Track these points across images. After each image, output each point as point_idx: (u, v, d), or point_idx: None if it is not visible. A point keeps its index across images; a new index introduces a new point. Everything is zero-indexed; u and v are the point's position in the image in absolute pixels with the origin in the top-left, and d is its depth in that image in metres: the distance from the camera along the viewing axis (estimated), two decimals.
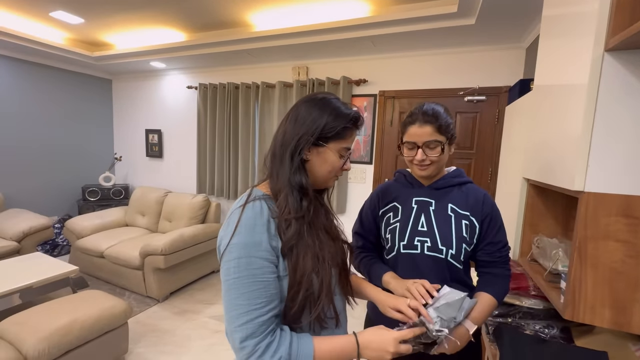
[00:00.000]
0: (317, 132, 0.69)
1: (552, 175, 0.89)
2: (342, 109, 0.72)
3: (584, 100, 0.72)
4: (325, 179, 0.75)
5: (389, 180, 1.13)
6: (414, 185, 1.02)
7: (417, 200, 0.99)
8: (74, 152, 3.96)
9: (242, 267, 0.62)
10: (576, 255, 0.76)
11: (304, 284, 0.65)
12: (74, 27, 2.96)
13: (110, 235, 3.12)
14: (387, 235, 0.99)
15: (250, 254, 0.63)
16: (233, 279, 0.63)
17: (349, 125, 0.71)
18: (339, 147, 0.72)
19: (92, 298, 1.93)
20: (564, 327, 1.04)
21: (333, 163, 0.72)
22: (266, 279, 0.63)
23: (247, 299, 0.62)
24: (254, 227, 0.64)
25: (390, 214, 1.01)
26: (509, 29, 2.10)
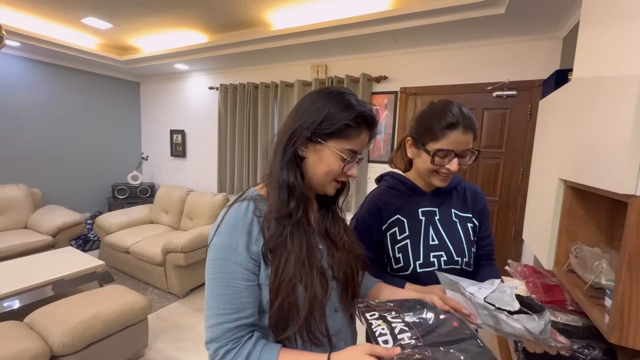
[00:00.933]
0: (314, 126, 0.62)
1: (596, 177, 0.78)
2: (348, 104, 0.62)
3: (638, 86, 0.62)
4: (321, 182, 0.67)
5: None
6: (416, 192, 0.93)
7: (423, 211, 0.92)
8: (105, 152, 4.17)
9: (216, 268, 0.60)
10: (625, 269, 0.65)
11: (282, 291, 0.59)
12: (104, 32, 3.10)
13: (136, 231, 3.25)
14: (398, 255, 0.90)
15: (225, 256, 0.60)
16: (209, 279, 0.61)
17: (352, 123, 0.62)
18: (341, 147, 0.63)
19: (116, 293, 2.00)
20: (607, 349, 0.91)
21: (331, 165, 0.64)
22: (237, 286, 0.59)
23: (217, 302, 0.60)
24: (233, 229, 0.61)
25: (395, 229, 0.91)
26: (542, 17, 1.93)
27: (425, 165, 0.86)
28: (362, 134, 0.65)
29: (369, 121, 0.64)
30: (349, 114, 0.62)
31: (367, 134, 0.66)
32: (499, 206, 2.46)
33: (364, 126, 0.64)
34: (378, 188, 1.00)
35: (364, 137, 0.65)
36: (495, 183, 2.46)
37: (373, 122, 0.66)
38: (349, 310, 0.74)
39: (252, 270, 0.61)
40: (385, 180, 1.01)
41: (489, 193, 2.48)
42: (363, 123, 0.64)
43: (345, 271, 0.71)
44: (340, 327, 0.71)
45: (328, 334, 0.65)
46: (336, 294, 0.70)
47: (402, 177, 0.97)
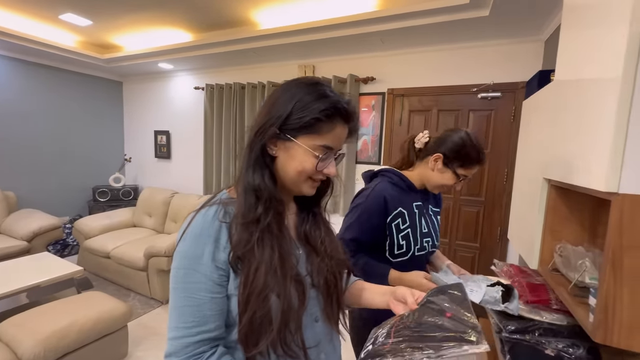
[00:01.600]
0: (280, 121, 0.57)
1: (578, 175, 0.78)
2: (319, 95, 0.57)
3: (619, 86, 0.61)
4: (294, 182, 0.61)
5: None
6: (412, 190, 1.12)
7: (416, 205, 1.10)
8: (85, 154, 4.02)
9: (179, 278, 0.56)
10: (609, 268, 0.65)
11: (252, 304, 0.54)
12: (84, 29, 2.99)
13: (118, 235, 3.13)
14: (402, 242, 1.06)
15: (188, 265, 0.56)
16: (172, 288, 0.57)
17: (322, 116, 0.56)
18: (313, 143, 0.58)
19: (94, 300, 1.91)
20: (591, 347, 0.92)
21: (303, 163, 0.58)
22: (200, 298, 0.55)
23: (178, 314, 0.56)
24: (198, 236, 0.56)
25: (399, 219, 1.06)
26: (526, 20, 1.97)
27: (442, 181, 1.06)
28: (337, 127, 0.59)
29: (342, 113, 0.59)
30: (319, 105, 0.56)
31: (343, 128, 0.60)
32: (484, 206, 2.49)
33: (338, 119, 0.58)
34: (382, 183, 1.10)
35: (339, 131, 0.60)
36: (481, 183, 2.48)
37: (348, 115, 0.60)
38: (333, 319, 0.69)
39: (218, 282, 0.56)
40: (386, 176, 1.12)
41: (474, 193, 2.51)
42: (336, 115, 0.58)
43: (327, 278, 0.66)
44: (321, 338, 0.66)
45: (304, 346, 0.60)
46: (317, 302, 0.66)
47: (403, 176, 1.11)
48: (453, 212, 2.59)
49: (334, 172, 0.63)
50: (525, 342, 0.98)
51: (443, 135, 1.07)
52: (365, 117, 2.84)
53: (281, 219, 0.61)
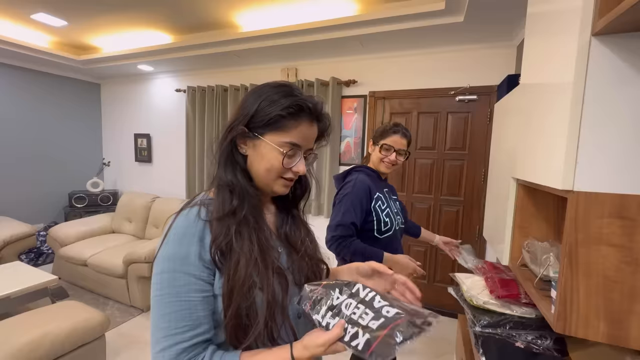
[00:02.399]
0: (246, 119, 0.59)
1: (540, 174, 0.83)
2: (283, 94, 0.59)
3: (571, 90, 0.66)
4: (265, 181, 0.63)
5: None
6: (380, 179, 1.37)
7: (385, 190, 1.36)
8: (61, 158, 3.88)
9: (164, 283, 0.54)
10: (566, 262, 0.68)
11: (235, 296, 0.55)
12: (58, 30, 2.90)
13: (95, 242, 3.03)
14: (387, 219, 1.29)
15: (174, 268, 0.54)
16: (155, 296, 0.55)
17: (284, 113, 0.58)
18: (278, 140, 0.59)
19: (68, 309, 1.84)
20: (557, 338, 0.96)
21: (271, 160, 0.60)
22: (191, 299, 0.54)
23: (168, 321, 0.53)
24: (182, 237, 0.56)
25: (380, 202, 1.30)
26: (498, 26, 2.05)
27: (377, 156, 1.34)
28: (302, 124, 0.60)
29: (307, 111, 0.60)
30: (283, 102, 0.58)
31: (309, 126, 0.61)
32: (463, 206, 2.56)
33: (303, 117, 0.60)
34: (360, 175, 1.33)
35: (304, 128, 0.61)
36: (460, 184, 2.56)
37: (314, 113, 0.61)
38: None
39: (207, 280, 0.56)
40: (362, 171, 1.36)
41: (454, 193, 2.58)
42: (301, 113, 0.59)
43: (308, 276, 0.68)
44: (303, 334, 0.67)
45: (295, 336, 0.61)
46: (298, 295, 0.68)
47: (372, 168, 1.37)
48: (434, 211, 2.65)
49: (302, 170, 0.63)
50: (496, 335, 1.02)
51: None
52: (347, 119, 2.87)
53: (257, 213, 0.62)
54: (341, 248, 1.21)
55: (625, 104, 0.63)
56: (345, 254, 1.22)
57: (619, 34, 0.61)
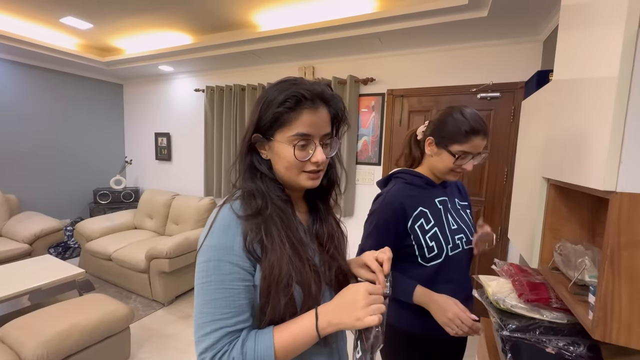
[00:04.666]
0: (254, 126, 0.62)
1: (577, 174, 0.79)
2: (280, 90, 0.59)
3: (615, 86, 0.62)
4: (288, 178, 0.64)
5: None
6: (430, 185, 1.03)
7: (439, 200, 1.02)
8: (86, 156, 4.04)
9: (210, 271, 0.57)
10: (607, 266, 0.65)
11: (272, 294, 0.57)
12: (84, 32, 3.01)
13: (119, 238, 3.14)
14: (431, 244, 0.97)
15: (219, 257, 0.57)
16: (201, 283, 0.57)
17: (283, 108, 0.58)
18: (286, 136, 0.60)
19: (95, 302, 1.92)
20: (591, 345, 0.92)
21: (286, 157, 0.60)
22: (235, 287, 0.57)
23: (213, 307, 0.56)
24: (227, 228, 0.58)
25: (421, 220, 0.98)
26: (524, 21, 1.98)
27: (444, 164, 0.98)
28: (304, 113, 0.59)
29: (303, 98, 0.58)
30: (279, 99, 0.58)
31: (313, 111, 0.59)
32: (485, 206, 2.49)
33: (302, 105, 0.59)
34: (396, 186, 1.03)
35: (308, 116, 0.59)
36: (481, 183, 2.49)
37: (311, 97, 0.59)
38: None
39: (249, 270, 0.58)
40: (399, 177, 1.05)
41: (475, 193, 2.52)
42: (298, 103, 0.58)
43: (337, 275, 0.69)
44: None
45: None
46: (328, 295, 0.67)
47: (417, 173, 1.04)
48: None
49: (321, 159, 0.61)
50: (525, 340, 0.98)
51: (435, 117, 1.03)
52: (365, 117, 2.85)
53: (283, 213, 0.63)
54: None
55: None
56: None
57: None
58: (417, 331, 1.01)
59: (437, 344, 1.05)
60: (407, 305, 0.99)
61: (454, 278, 1.00)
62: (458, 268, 1.02)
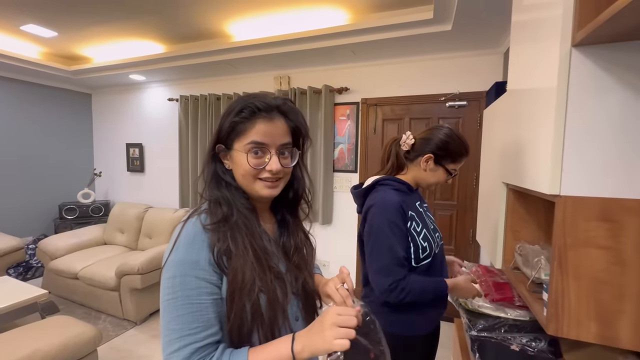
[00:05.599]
0: (216, 136, 0.65)
1: (528, 179, 0.85)
2: (238, 101, 0.63)
3: (555, 99, 0.68)
4: (246, 186, 0.65)
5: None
6: (411, 191, 1.12)
7: (418, 205, 1.11)
8: (51, 169, 3.82)
9: (176, 287, 0.56)
10: (556, 265, 0.70)
11: (236, 299, 0.58)
12: (48, 40, 2.88)
13: (87, 255, 2.98)
14: (425, 244, 1.04)
15: (185, 272, 0.56)
16: (167, 300, 0.57)
17: (238, 118, 0.62)
18: (242, 144, 0.62)
19: (59, 325, 1.80)
20: (551, 340, 0.97)
21: (242, 165, 0.63)
22: (202, 301, 0.56)
23: (181, 323, 0.55)
24: (192, 243, 0.58)
25: (413, 223, 1.05)
26: (485, 34, 2.11)
27: (435, 179, 1.09)
28: (258, 122, 0.62)
29: (256, 107, 0.61)
30: (235, 109, 0.62)
31: (268, 121, 0.62)
32: (457, 210, 2.59)
33: (257, 115, 0.62)
34: (387, 191, 1.05)
35: (263, 125, 0.62)
36: (453, 188, 2.59)
37: (265, 109, 0.62)
38: (312, 318, 0.72)
39: (216, 284, 0.58)
40: (387, 184, 1.09)
41: (447, 197, 2.61)
42: (253, 113, 0.62)
43: (304, 286, 0.70)
44: None
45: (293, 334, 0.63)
46: (296, 303, 0.69)
47: (400, 180, 1.10)
48: None
49: (275, 167, 0.63)
50: (492, 339, 1.03)
51: (429, 135, 1.08)
52: (340, 126, 2.90)
53: (247, 220, 0.64)
54: (404, 293, 0.96)
55: (606, 110, 0.65)
56: (410, 298, 0.97)
57: (598, 45, 0.64)
58: (411, 331, 1.08)
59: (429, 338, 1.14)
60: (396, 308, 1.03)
61: (440, 273, 1.10)
62: (441, 263, 1.12)
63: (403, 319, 1.06)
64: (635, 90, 0.63)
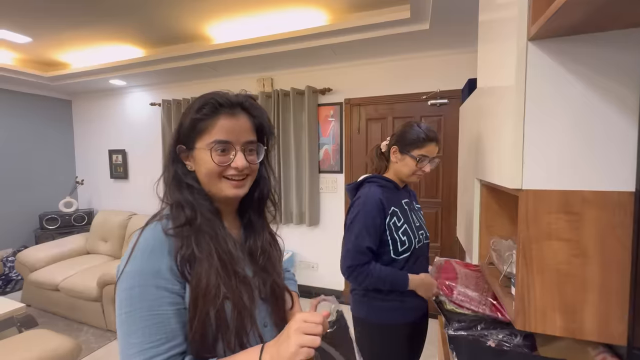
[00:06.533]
0: (176, 136, 0.62)
1: (496, 174, 0.85)
2: (197, 100, 0.61)
3: (514, 92, 0.68)
4: (211, 186, 0.63)
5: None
6: (397, 189, 1.20)
7: (404, 202, 1.20)
8: (31, 178, 3.71)
9: (134, 298, 0.53)
10: (521, 258, 0.70)
11: (200, 305, 0.55)
12: (22, 46, 2.81)
13: (68, 265, 2.90)
14: (404, 238, 1.14)
15: (145, 282, 0.53)
16: (125, 312, 0.53)
17: (199, 115, 0.59)
18: (206, 142, 0.60)
19: (36, 339, 1.74)
20: (527, 335, 0.98)
21: (206, 163, 0.61)
22: (164, 312, 0.54)
23: (141, 336, 0.52)
24: (151, 251, 0.55)
25: (394, 218, 1.14)
26: (461, 32, 2.13)
27: (407, 168, 1.16)
28: (221, 119, 0.60)
29: (218, 104, 0.60)
30: (195, 107, 0.61)
31: (231, 118, 0.61)
32: (441, 207, 2.61)
33: (219, 112, 0.60)
34: (371, 188, 1.16)
35: (226, 122, 0.60)
36: (437, 185, 2.60)
37: (227, 105, 0.60)
38: (281, 325, 0.70)
39: (179, 293, 0.55)
40: (373, 182, 1.19)
41: (431, 195, 2.63)
42: (214, 110, 0.60)
43: (272, 287, 0.68)
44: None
45: (262, 341, 0.61)
46: (265, 309, 0.67)
47: (386, 177, 1.20)
48: None
49: (241, 164, 0.62)
50: (469, 336, 1.02)
51: (395, 131, 1.22)
52: (325, 127, 2.89)
53: (213, 223, 0.62)
54: (362, 278, 1.09)
55: (563, 104, 0.66)
56: (367, 283, 1.10)
57: (552, 39, 0.64)
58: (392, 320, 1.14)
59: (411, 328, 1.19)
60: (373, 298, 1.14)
61: (419, 267, 1.17)
62: (421, 258, 1.21)
63: (383, 307, 1.14)
64: (589, 83, 0.63)
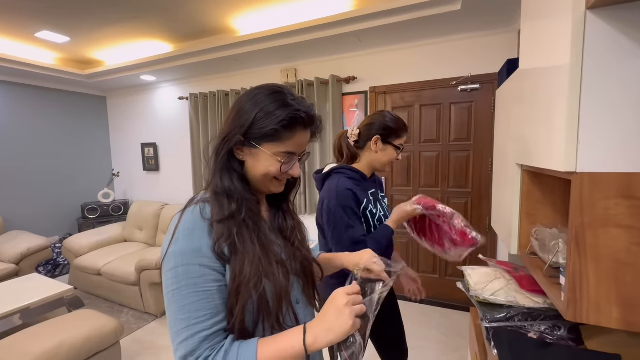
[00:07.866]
0: (243, 130, 0.61)
1: (543, 158, 0.80)
2: (278, 105, 0.60)
3: (569, 66, 0.63)
4: (262, 183, 0.65)
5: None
6: (364, 180, 1.20)
7: (371, 193, 1.21)
8: (72, 171, 3.98)
9: (180, 277, 0.55)
10: (574, 247, 0.66)
11: (242, 294, 0.57)
12: (62, 46, 2.97)
13: (108, 252, 3.09)
14: (378, 224, 1.18)
15: (188, 261, 0.56)
16: (172, 291, 0.56)
17: (280, 127, 0.59)
18: (276, 150, 0.61)
19: (83, 318, 1.88)
20: (572, 327, 0.93)
21: (268, 167, 0.63)
22: (208, 289, 0.56)
23: (188, 312, 0.55)
24: (192, 232, 0.57)
25: (370, 206, 1.17)
26: (496, 12, 2.00)
27: (388, 157, 1.18)
28: (297, 134, 0.62)
29: (301, 121, 0.62)
30: (279, 115, 0.59)
31: (304, 133, 0.64)
32: (472, 198, 2.51)
33: (298, 126, 0.62)
34: (340, 179, 1.14)
35: (300, 137, 0.63)
36: (467, 175, 2.51)
37: (307, 121, 0.63)
38: (311, 300, 0.73)
39: (220, 271, 0.58)
40: (342, 173, 1.16)
41: (461, 185, 2.54)
42: (295, 124, 0.61)
43: (302, 263, 0.71)
44: (302, 320, 0.69)
45: (297, 319, 0.64)
46: (297, 286, 0.69)
47: (354, 169, 1.18)
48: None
49: (297, 173, 0.67)
50: (508, 327, 0.99)
51: (370, 121, 1.20)
52: (349, 116, 2.85)
53: (255, 215, 0.64)
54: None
55: (626, 79, 0.60)
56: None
57: (614, 6, 0.59)
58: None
59: None
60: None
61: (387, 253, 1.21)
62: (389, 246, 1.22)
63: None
64: None
